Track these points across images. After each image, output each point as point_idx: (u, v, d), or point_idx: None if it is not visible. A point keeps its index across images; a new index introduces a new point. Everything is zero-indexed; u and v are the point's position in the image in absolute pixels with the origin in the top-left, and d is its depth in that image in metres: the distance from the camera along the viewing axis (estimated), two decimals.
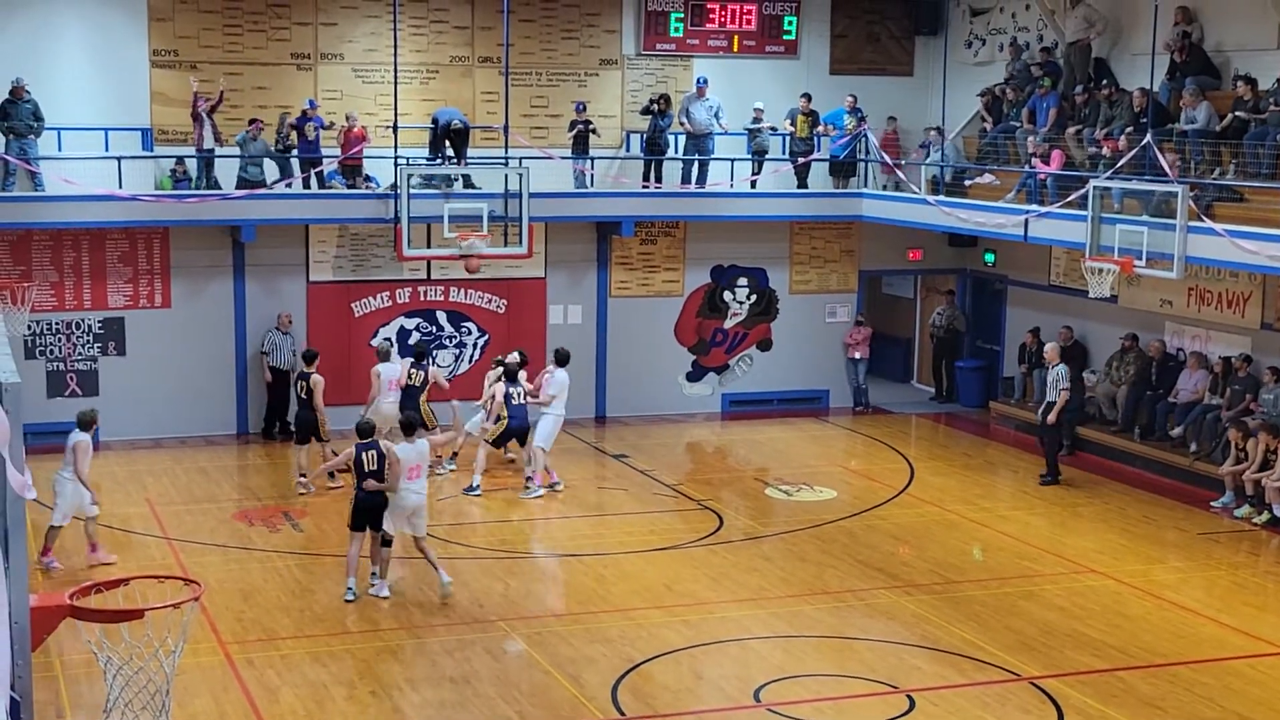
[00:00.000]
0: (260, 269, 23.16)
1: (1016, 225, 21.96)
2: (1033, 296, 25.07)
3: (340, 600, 15.71)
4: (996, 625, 15.20)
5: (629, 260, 25.03)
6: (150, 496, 19.81)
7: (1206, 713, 13.09)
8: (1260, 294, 20.75)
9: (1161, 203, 19.30)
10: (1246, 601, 16.25)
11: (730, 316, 25.73)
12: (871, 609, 15.80)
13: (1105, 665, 14.17)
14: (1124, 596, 16.27)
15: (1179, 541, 18.49)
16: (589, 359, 24.73)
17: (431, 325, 24.06)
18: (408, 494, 15.87)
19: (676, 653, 14.30)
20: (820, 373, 26.09)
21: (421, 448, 16.19)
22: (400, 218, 22.07)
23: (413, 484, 15.96)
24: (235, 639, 14.57)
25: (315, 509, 19.41)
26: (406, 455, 15.93)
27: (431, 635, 14.79)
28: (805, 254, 25.96)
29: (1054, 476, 21.01)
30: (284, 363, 22.67)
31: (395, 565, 16.68)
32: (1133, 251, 19.34)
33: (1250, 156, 19.41)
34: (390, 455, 15.76)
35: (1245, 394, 20.48)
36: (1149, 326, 22.61)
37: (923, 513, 19.62)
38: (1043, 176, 22.01)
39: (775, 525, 18.95)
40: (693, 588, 16.45)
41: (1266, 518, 18.99)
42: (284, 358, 22.67)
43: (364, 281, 23.73)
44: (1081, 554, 17.79)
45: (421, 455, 16.14)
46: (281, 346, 22.71)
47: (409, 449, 16.03)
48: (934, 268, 26.89)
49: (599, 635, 14.80)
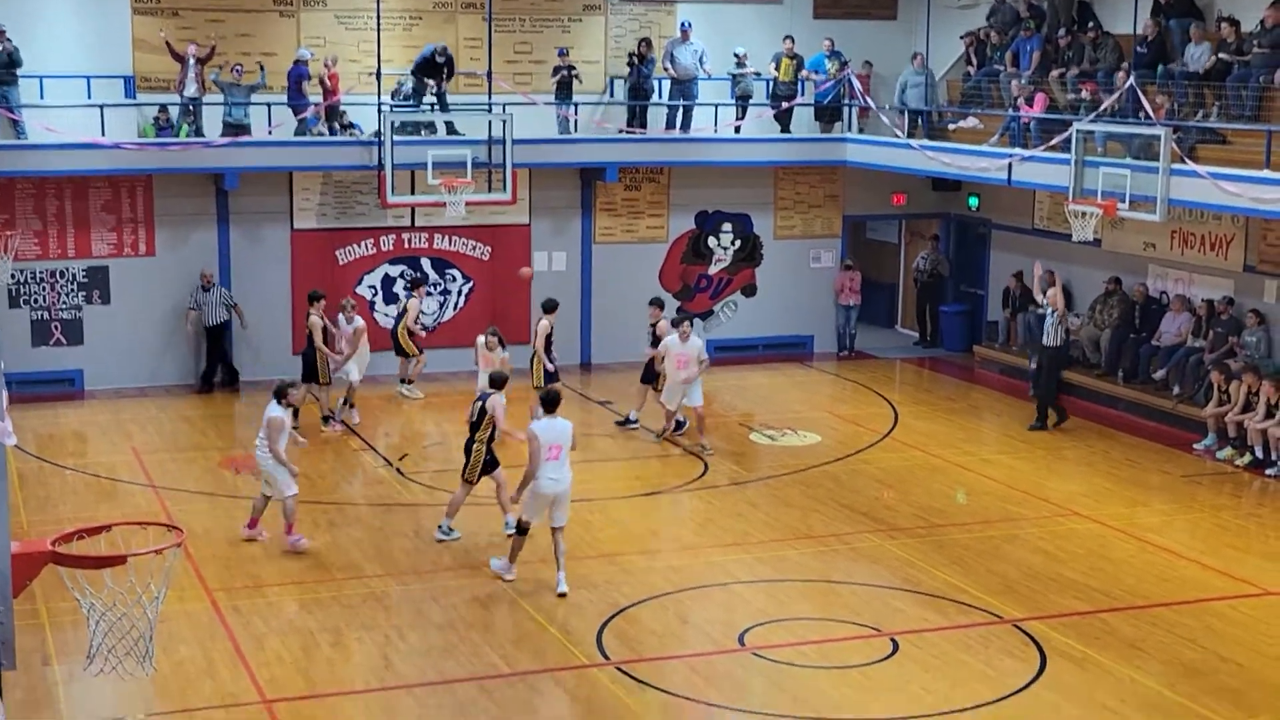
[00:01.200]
0: (244, 217, 23.09)
1: (1000, 169, 21.94)
2: (1016, 240, 25.08)
3: (327, 546, 15.75)
4: (980, 568, 15.28)
5: (613, 206, 24.98)
6: (136, 445, 19.81)
7: (1188, 654, 13.20)
8: (1243, 236, 20.78)
9: (1144, 145, 19.29)
10: (1228, 543, 16.35)
11: (715, 262, 25.72)
12: (855, 553, 15.88)
13: (1088, 607, 14.27)
14: (1107, 539, 16.36)
15: (1162, 484, 18.58)
16: (574, 306, 24.69)
17: (416, 272, 24.00)
18: (545, 481, 14.13)
19: (662, 597, 14.37)
20: (805, 318, 26.11)
21: (562, 427, 14.29)
22: (384, 164, 22.00)
23: (550, 468, 14.13)
24: (221, 586, 14.61)
25: (302, 455, 19.39)
26: (544, 434, 14.17)
27: (418, 582, 14.83)
28: (789, 199, 25.92)
29: (1044, 422, 21.02)
30: (210, 319, 22.62)
31: (378, 512, 16.75)
32: (1116, 194, 19.33)
33: (1233, 98, 19.39)
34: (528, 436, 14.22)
35: (1228, 336, 20.54)
36: (1132, 269, 22.65)
37: (907, 457, 19.69)
38: (1026, 120, 21.99)
39: (760, 470, 19.01)
40: (678, 533, 16.52)
41: (1249, 459, 19.09)
42: (209, 314, 22.61)
43: (348, 229, 23.66)
44: (1065, 497, 17.88)
45: (562, 435, 14.26)
46: (205, 304, 22.61)
47: (547, 426, 14.24)
48: (918, 212, 26.87)
49: (584, 580, 14.85)
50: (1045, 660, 13.00)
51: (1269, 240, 20.39)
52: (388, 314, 23.80)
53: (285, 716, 11.80)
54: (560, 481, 14.16)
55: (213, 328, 22.71)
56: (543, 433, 14.13)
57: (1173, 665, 12.92)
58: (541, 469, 14.06)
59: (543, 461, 14.04)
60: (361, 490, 18.10)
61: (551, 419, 14.26)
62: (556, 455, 14.11)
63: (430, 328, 23.93)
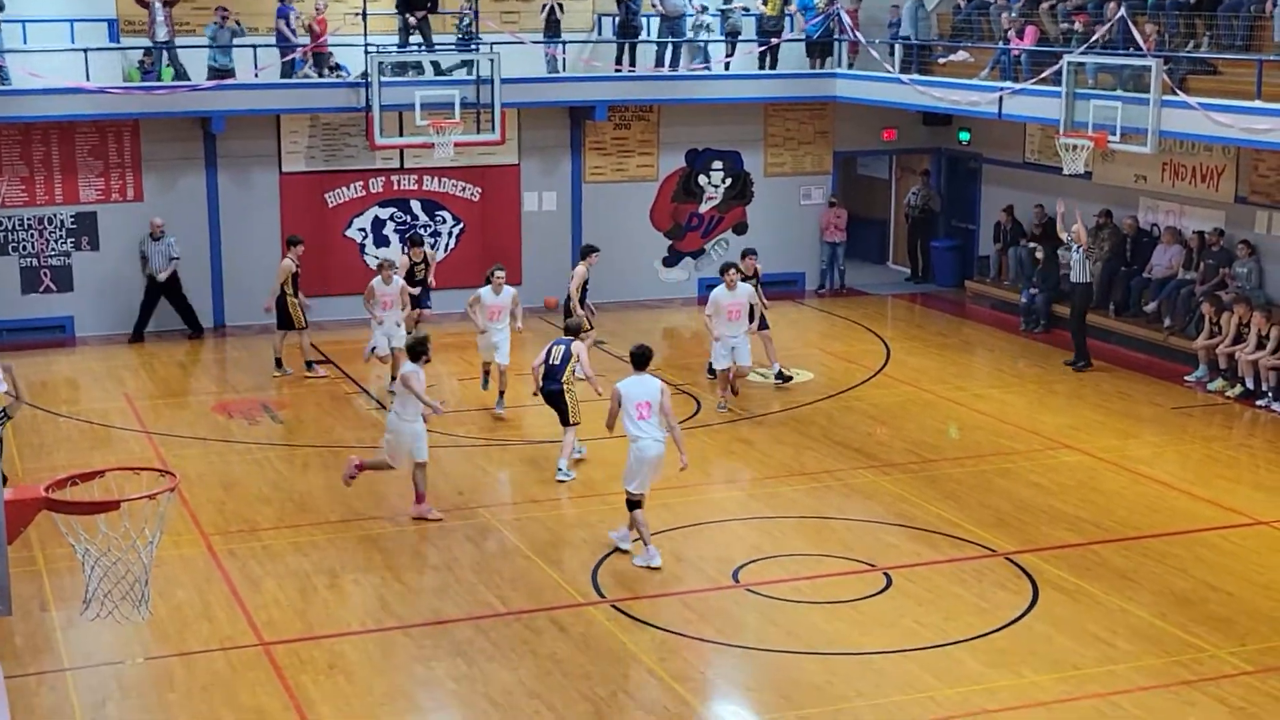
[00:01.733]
0: (232, 160, 23.00)
1: (990, 102, 21.85)
2: (1008, 174, 25.03)
3: (321, 490, 15.78)
4: (972, 502, 15.34)
5: (603, 145, 24.89)
6: (128, 391, 19.81)
7: (1178, 583, 13.27)
8: (1234, 167, 20.74)
9: (1135, 77, 19.22)
10: (1219, 474, 16.42)
11: (705, 200, 25.66)
12: (849, 489, 15.93)
13: (1079, 539, 14.34)
14: (1098, 471, 16.42)
15: (1153, 416, 18.64)
16: (564, 245, 24.65)
17: (406, 214, 23.95)
18: (647, 442, 13.42)
19: (656, 535, 14.39)
20: (796, 255, 26.06)
21: (651, 385, 13.56)
22: (371, 106, 21.89)
23: (647, 428, 13.42)
24: (217, 530, 14.65)
25: (294, 400, 19.46)
26: (629, 391, 13.49)
27: (412, 524, 14.87)
28: (779, 136, 25.84)
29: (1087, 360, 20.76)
30: (158, 269, 22.37)
31: (367, 453, 16.78)
32: (1107, 126, 19.29)
33: (1224, 28, 19.30)
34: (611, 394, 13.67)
35: (1219, 268, 20.55)
36: (1123, 202, 22.62)
37: (899, 393, 19.72)
38: (1016, 53, 21.89)
39: (753, 409, 19.03)
40: (670, 471, 16.49)
41: (1239, 391, 19.14)
42: (157, 264, 22.36)
43: (337, 171, 23.57)
44: (1057, 430, 17.93)
45: (651, 393, 13.50)
46: (154, 254, 22.37)
47: (634, 383, 13.53)
48: (908, 147, 26.79)
49: (579, 520, 14.92)
50: (1037, 592, 13.07)
51: (1260, 171, 20.36)
52: (377, 256, 23.72)
53: (282, 658, 11.86)
54: (660, 440, 13.46)
55: (161, 281, 22.38)
56: (627, 390, 13.45)
57: (1163, 595, 13.00)
58: (639, 429, 13.37)
59: (634, 420, 13.39)
60: (355, 433, 18.10)
61: (640, 376, 13.55)
62: (647, 413, 13.41)
63: None
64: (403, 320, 19.40)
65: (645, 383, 13.51)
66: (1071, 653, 11.89)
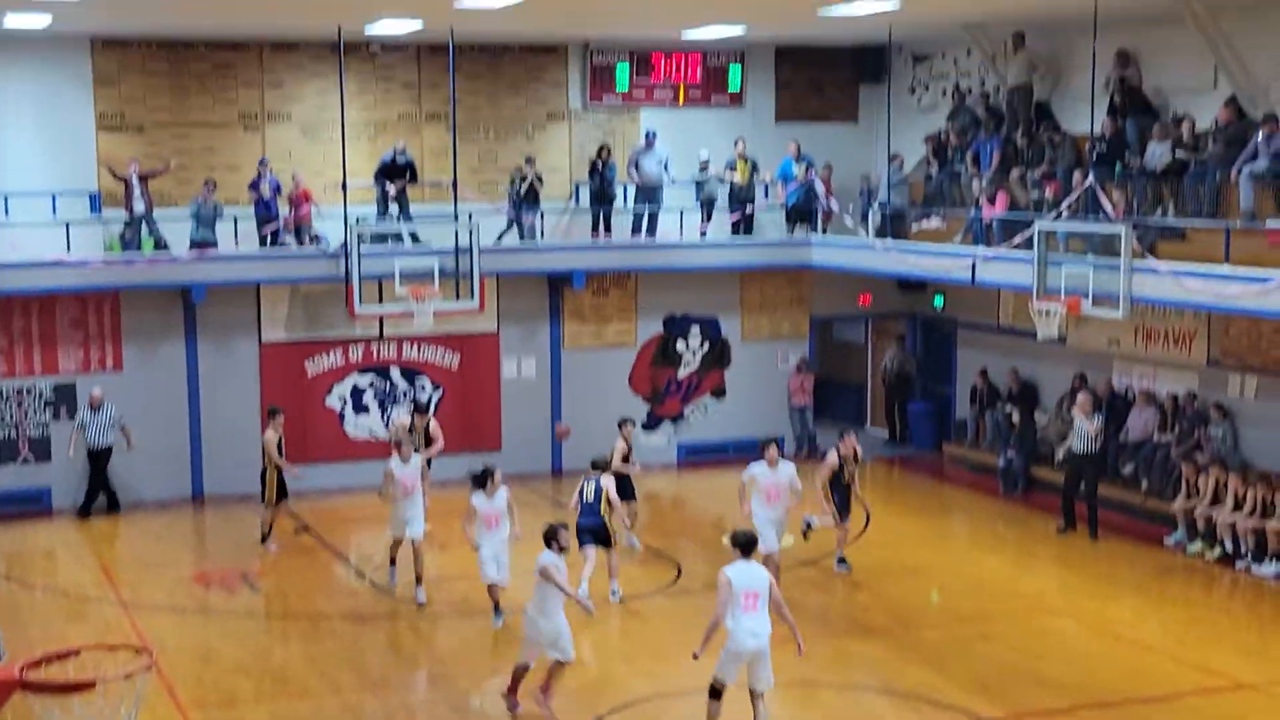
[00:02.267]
0: (212, 329, 23.11)
1: (964, 268, 22.14)
2: (982, 338, 25.27)
3: (301, 660, 15.62)
4: (955, 667, 15.26)
5: (581, 312, 25.10)
6: (105, 562, 19.67)
7: None
8: (1205, 330, 20.99)
9: (1105, 242, 19.52)
10: (1201, 637, 16.38)
11: (684, 365, 25.82)
12: (833, 654, 15.83)
13: (1063, 704, 14.25)
14: (1081, 635, 16.37)
15: (1134, 579, 18.63)
16: (543, 412, 24.75)
17: (385, 381, 24.04)
18: (742, 634, 12.55)
19: (639, 704, 14.29)
20: (775, 419, 26.14)
21: (758, 574, 12.68)
22: (351, 275, 22.09)
23: (749, 619, 12.52)
24: (195, 703, 14.46)
25: (273, 569, 19.34)
26: (738, 579, 12.55)
27: (393, 694, 14.72)
28: (756, 301, 26.09)
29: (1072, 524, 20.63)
30: (96, 442, 22.10)
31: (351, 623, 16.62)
32: (1079, 291, 19.53)
33: (1191, 195, 19.68)
34: (718, 583, 12.67)
35: (1194, 430, 20.69)
36: (1097, 365, 22.83)
37: (880, 556, 19.68)
38: (988, 219, 22.24)
39: None
40: (653, 638, 16.44)
41: (1219, 553, 19.16)
42: (96, 436, 22.07)
43: (316, 340, 23.69)
44: (1038, 593, 17.90)
45: (759, 583, 12.60)
46: (91, 424, 22.12)
47: (741, 571, 12.61)
48: (884, 311, 27.07)
49: (562, 688, 14.76)
50: None
51: (1230, 335, 20.61)
52: (357, 425, 23.83)
53: None
54: (760, 636, 12.56)
55: (98, 450, 22.09)
56: (736, 578, 12.51)
57: None
58: (739, 622, 12.48)
59: (739, 611, 12.47)
60: (335, 603, 17.96)
61: (747, 563, 12.67)
62: (754, 605, 12.48)
63: None
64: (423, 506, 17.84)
65: (753, 572, 12.65)
66: None
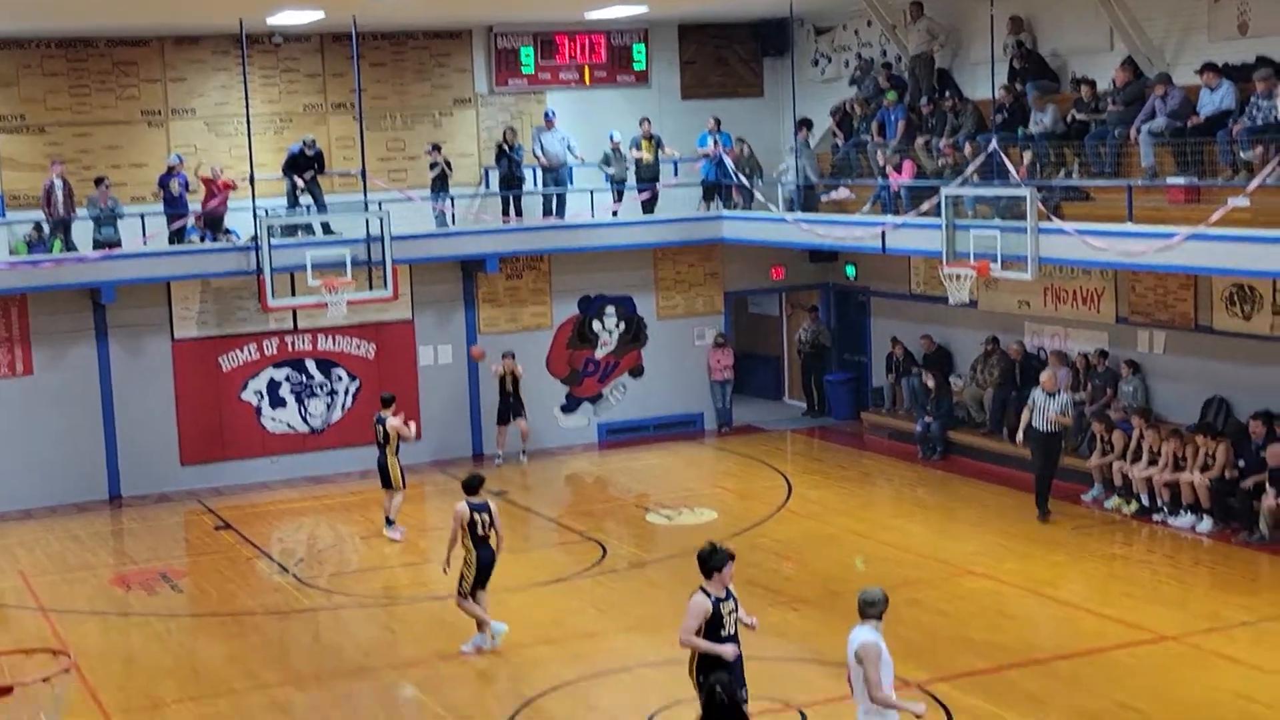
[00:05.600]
0: (123, 329, 22.83)
1: (874, 237, 22.29)
2: (895, 306, 25.45)
3: (225, 659, 15.51)
4: (883, 633, 15.33)
5: (495, 297, 25.02)
6: (23, 569, 19.40)
7: (1090, 704, 13.36)
8: (1113, 289, 21.26)
9: (1011, 206, 19.72)
10: (1122, 591, 16.62)
11: (600, 346, 25.83)
12: (759, 626, 15.86)
13: (990, 665, 14.40)
14: (1005, 595, 16.55)
15: (1054, 537, 18.85)
16: (462, 397, 24.68)
17: (301, 374, 23.87)
18: None
19: (568, 686, 14.31)
20: (693, 396, 26.26)
21: None
22: (262, 268, 21.89)
23: None
24: (119, 708, 14.31)
25: (193, 568, 19.19)
26: None
27: (319, 689, 14.64)
28: (670, 279, 26.13)
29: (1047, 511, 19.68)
30: None
31: (275, 619, 16.52)
32: (988, 255, 19.72)
33: (1093, 156, 19.91)
34: None
35: (1105, 387, 20.97)
36: (1009, 328, 23.07)
37: (803, 527, 19.81)
38: (895, 188, 22.39)
39: (658, 551, 19.03)
40: (580, 620, 16.46)
41: (1135, 507, 19.44)
42: None
43: (230, 335, 23.47)
44: (961, 557, 18.08)
45: None
46: None
47: None
48: (797, 284, 27.20)
49: (489, 675, 14.76)
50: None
51: (1138, 291, 20.88)
52: (274, 418, 23.65)
53: None
54: None
55: None
56: None
57: (1076, 716, 13.08)
58: None
59: None
60: (258, 599, 17.84)
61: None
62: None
63: (319, 429, 23.85)
64: None
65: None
66: None
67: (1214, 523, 18.49)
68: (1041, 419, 19.48)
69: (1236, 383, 19.64)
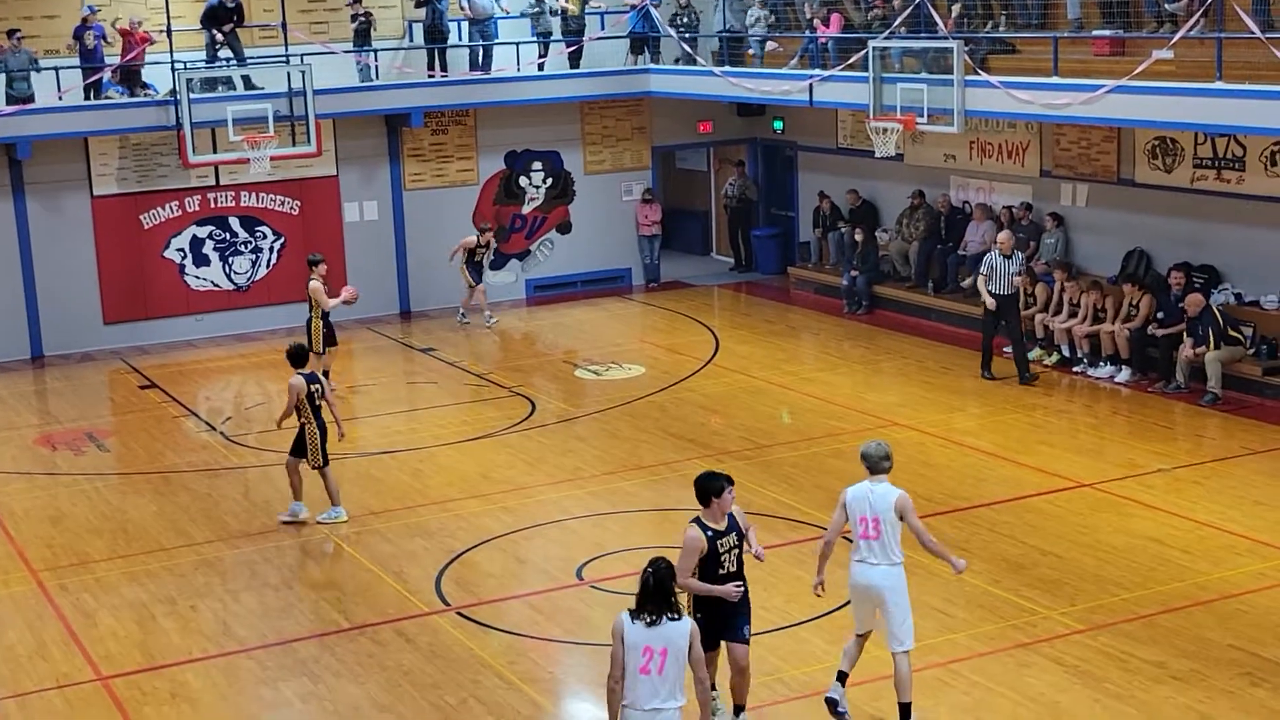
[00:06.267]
0: (40, 186, 22.44)
1: (801, 91, 22.21)
2: (822, 160, 25.45)
3: (153, 517, 15.52)
4: (808, 485, 15.59)
5: (421, 152, 24.77)
6: None
7: (1009, 549, 13.65)
8: (1038, 142, 21.34)
9: (938, 59, 19.68)
10: (1041, 440, 16.90)
11: (528, 201, 25.69)
12: (686, 480, 15.88)
13: None
14: (927, 446, 16.80)
15: (976, 389, 19.11)
16: (388, 254, 24.54)
17: (225, 232, 23.60)
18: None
19: (497, 539, 14.44)
20: (620, 252, 26.24)
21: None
22: (182, 124, 21.53)
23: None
24: (46, 566, 14.32)
25: (120, 427, 19.11)
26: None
27: (249, 544, 14.70)
28: (597, 134, 25.96)
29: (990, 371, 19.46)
30: None
31: (203, 477, 16.53)
32: (914, 109, 19.72)
33: (1020, 8, 19.85)
34: None
35: (1029, 240, 21.13)
36: (935, 182, 23.15)
37: (730, 381, 19.96)
38: (823, 40, 22.27)
39: (587, 405, 19.13)
40: (509, 474, 16.58)
41: (1056, 358, 19.72)
42: None
43: (151, 192, 23.13)
44: (885, 408, 18.30)
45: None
46: None
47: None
48: (725, 139, 27.09)
49: (419, 529, 14.87)
50: None
51: (1062, 145, 20.97)
52: (198, 276, 23.44)
53: (123, 691, 11.65)
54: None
55: None
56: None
57: (996, 562, 13.36)
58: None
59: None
60: (185, 456, 17.81)
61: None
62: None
63: (244, 287, 23.68)
64: None
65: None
66: None
67: (1133, 373, 18.80)
68: (1003, 282, 18.95)
69: (1157, 235, 19.85)
